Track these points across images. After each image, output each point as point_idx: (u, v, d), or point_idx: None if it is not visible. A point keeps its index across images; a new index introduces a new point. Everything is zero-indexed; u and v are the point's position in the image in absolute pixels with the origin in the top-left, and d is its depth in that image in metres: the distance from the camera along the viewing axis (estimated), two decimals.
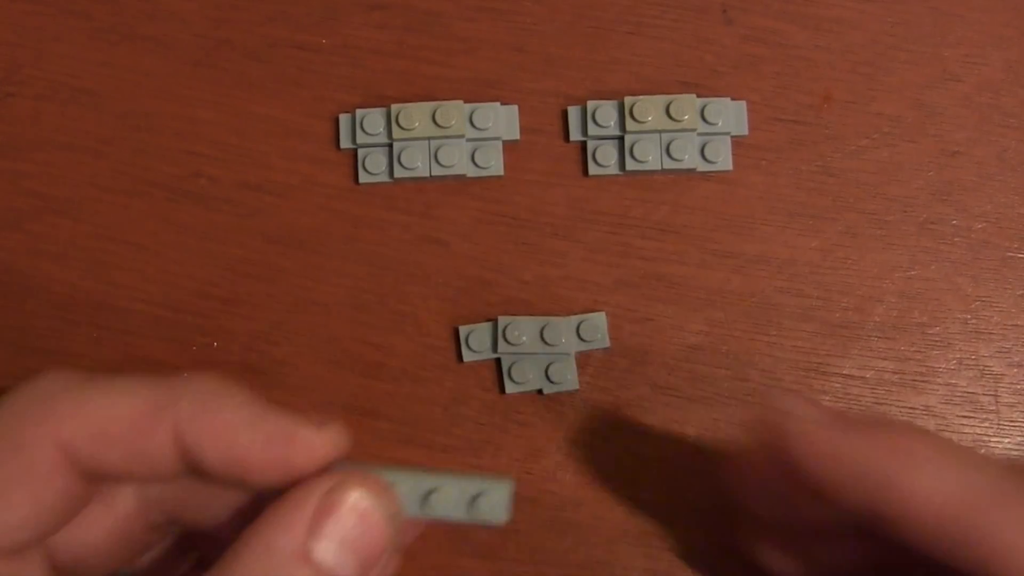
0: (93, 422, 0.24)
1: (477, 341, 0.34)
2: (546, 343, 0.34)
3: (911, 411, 0.34)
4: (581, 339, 0.34)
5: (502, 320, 0.34)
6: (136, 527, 0.26)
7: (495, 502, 0.25)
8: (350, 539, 0.23)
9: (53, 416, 0.24)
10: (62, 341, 0.34)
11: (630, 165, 0.35)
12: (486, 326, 0.34)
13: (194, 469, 0.24)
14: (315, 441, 0.24)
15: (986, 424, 0.34)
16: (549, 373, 0.34)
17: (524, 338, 0.33)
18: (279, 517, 0.23)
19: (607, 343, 0.34)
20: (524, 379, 0.34)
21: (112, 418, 0.24)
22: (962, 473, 0.23)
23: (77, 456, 0.24)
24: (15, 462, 0.24)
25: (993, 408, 0.34)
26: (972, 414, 0.34)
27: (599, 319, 0.34)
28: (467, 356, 0.34)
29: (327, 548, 0.23)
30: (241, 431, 0.24)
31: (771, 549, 0.29)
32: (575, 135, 0.35)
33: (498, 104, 0.35)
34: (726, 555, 0.32)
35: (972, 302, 0.35)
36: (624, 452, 0.33)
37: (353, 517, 0.23)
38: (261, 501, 0.25)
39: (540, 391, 0.34)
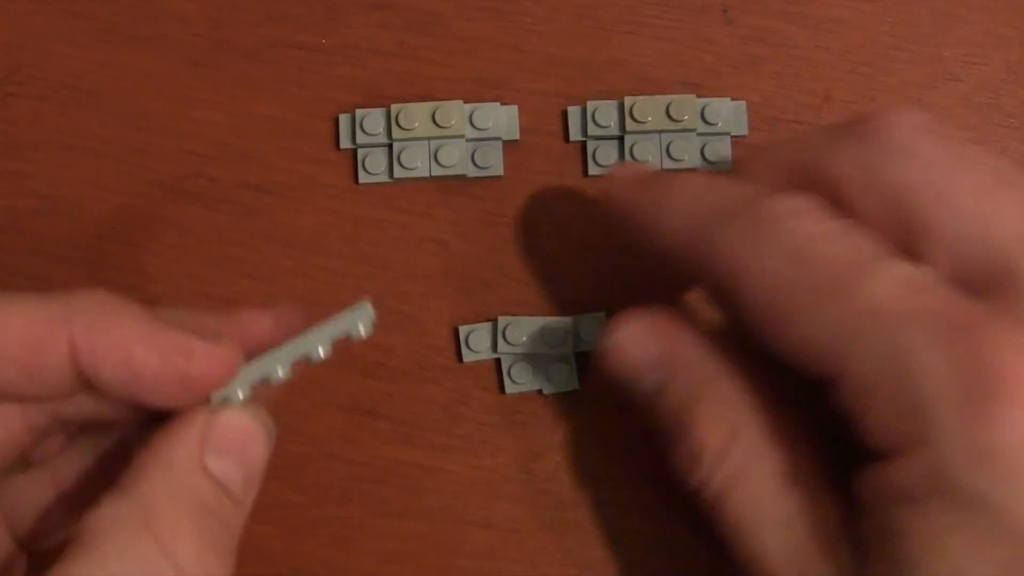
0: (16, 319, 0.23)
1: (477, 341, 0.34)
2: (546, 343, 0.34)
3: None
4: (581, 339, 0.34)
5: (502, 320, 0.34)
6: (20, 436, 0.26)
7: (355, 317, 0.27)
8: (236, 454, 0.25)
9: None
10: None
11: None
12: (486, 326, 0.34)
13: (90, 386, 0.24)
14: (213, 354, 0.25)
15: None
16: (549, 373, 0.34)
17: (524, 338, 0.33)
18: (175, 435, 0.24)
19: None
20: (524, 379, 0.34)
21: (3, 334, 0.23)
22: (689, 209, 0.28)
23: None
24: None
25: None
26: None
27: (599, 319, 0.34)
28: (467, 356, 0.34)
29: (218, 461, 0.24)
30: (137, 345, 0.24)
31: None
32: (575, 135, 0.35)
33: (498, 104, 0.35)
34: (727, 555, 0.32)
35: None
36: (624, 452, 0.33)
37: (236, 435, 0.25)
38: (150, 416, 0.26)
39: (540, 391, 0.34)
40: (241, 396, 0.26)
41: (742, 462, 0.26)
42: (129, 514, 0.23)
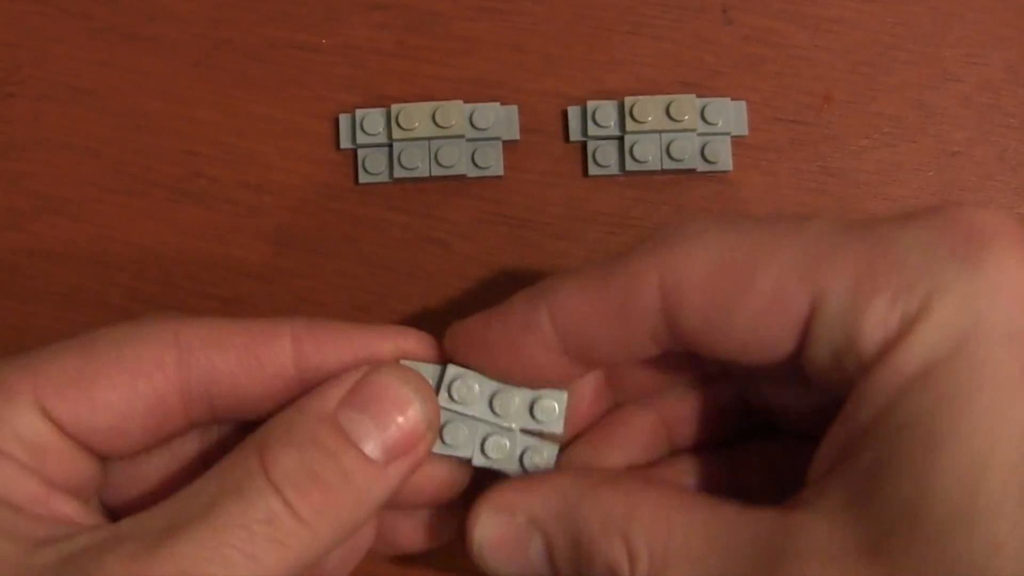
0: (210, 329, 0.25)
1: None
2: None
3: None
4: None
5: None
6: (177, 419, 0.27)
7: (550, 408, 0.27)
8: (378, 416, 0.24)
9: (173, 322, 0.25)
10: None
11: (630, 165, 0.35)
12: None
13: (305, 369, 0.26)
14: (396, 331, 0.27)
15: None
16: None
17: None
18: (317, 389, 0.25)
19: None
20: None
21: (229, 329, 0.25)
22: None
23: (192, 356, 0.25)
24: (132, 348, 0.25)
25: None
26: None
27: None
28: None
29: (353, 418, 0.24)
30: (351, 331, 0.26)
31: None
32: (575, 135, 0.35)
33: (498, 104, 0.35)
34: None
35: None
36: None
37: (384, 397, 0.25)
38: None
39: None
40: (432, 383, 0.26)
41: (653, 548, 0.24)
42: (251, 440, 0.24)
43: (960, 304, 0.21)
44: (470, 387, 0.27)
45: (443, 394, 0.27)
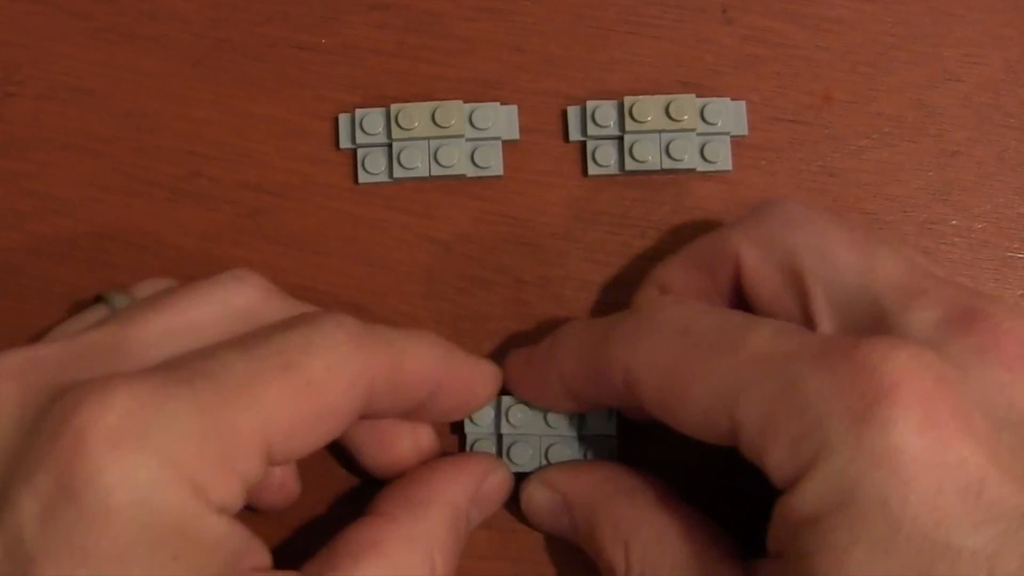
0: (394, 357, 0.28)
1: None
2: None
3: None
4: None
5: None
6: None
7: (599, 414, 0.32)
8: (487, 511, 0.31)
9: (366, 351, 0.27)
10: None
11: (630, 165, 0.35)
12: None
13: (434, 394, 0.29)
14: (492, 368, 0.31)
15: None
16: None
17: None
18: (461, 480, 0.30)
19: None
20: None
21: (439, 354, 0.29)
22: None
23: (373, 382, 0.27)
24: (347, 394, 0.27)
25: None
26: None
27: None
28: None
29: (475, 516, 0.30)
30: (472, 362, 0.30)
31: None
32: (575, 135, 0.35)
33: (498, 104, 0.35)
34: None
35: None
36: (625, 453, 0.33)
37: (497, 497, 0.31)
38: None
39: None
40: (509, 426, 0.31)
41: (644, 566, 0.28)
42: (421, 537, 0.28)
43: (840, 469, 0.23)
44: (524, 411, 0.31)
45: (503, 421, 0.31)
